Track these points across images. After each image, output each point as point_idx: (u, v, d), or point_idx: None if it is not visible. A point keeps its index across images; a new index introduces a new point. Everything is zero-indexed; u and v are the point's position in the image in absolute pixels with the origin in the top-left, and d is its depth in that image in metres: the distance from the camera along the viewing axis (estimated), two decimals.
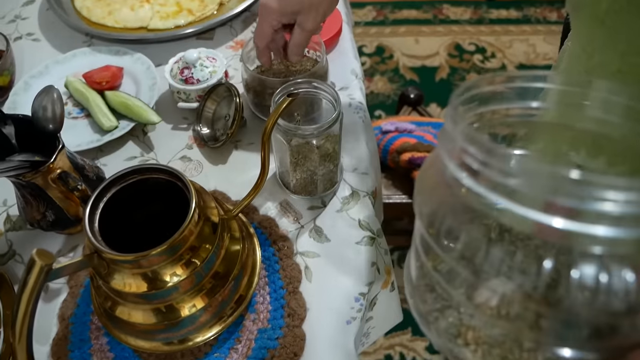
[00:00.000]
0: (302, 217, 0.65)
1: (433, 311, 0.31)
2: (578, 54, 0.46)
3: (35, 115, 0.56)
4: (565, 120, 0.36)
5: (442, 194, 0.29)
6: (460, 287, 0.29)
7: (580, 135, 0.36)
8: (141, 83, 0.81)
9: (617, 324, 0.26)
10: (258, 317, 0.57)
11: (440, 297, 0.31)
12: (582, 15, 0.45)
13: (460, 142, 0.25)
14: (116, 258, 0.45)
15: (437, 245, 0.28)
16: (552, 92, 0.34)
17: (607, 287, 0.24)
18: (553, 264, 0.25)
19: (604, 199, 0.22)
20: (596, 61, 0.43)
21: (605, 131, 0.34)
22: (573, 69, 0.49)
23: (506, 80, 0.33)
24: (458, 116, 0.28)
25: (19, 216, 0.67)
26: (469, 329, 0.29)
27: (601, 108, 0.34)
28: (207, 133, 0.75)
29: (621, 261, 0.24)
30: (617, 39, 0.42)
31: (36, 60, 0.88)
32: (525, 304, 0.26)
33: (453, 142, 0.26)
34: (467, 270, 0.27)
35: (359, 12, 2.39)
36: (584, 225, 0.23)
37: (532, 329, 0.26)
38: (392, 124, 1.19)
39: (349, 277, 0.60)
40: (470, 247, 0.26)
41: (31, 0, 1.03)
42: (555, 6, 2.40)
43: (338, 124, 0.59)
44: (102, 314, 0.53)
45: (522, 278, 0.25)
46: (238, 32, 0.93)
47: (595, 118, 0.34)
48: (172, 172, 0.49)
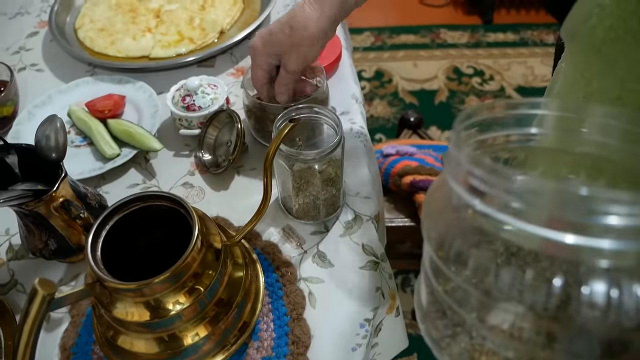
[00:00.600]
0: (305, 242, 0.65)
1: (445, 337, 0.31)
2: (576, 79, 0.46)
3: (38, 144, 0.56)
4: (563, 145, 0.36)
5: (449, 217, 0.29)
6: (472, 311, 0.28)
7: (579, 159, 0.36)
8: (143, 111, 0.82)
9: (629, 340, 0.26)
10: (262, 345, 0.56)
11: (452, 323, 0.30)
12: (578, 44, 0.46)
13: (466, 165, 0.25)
14: (118, 287, 0.45)
15: (446, 268, 0.28)
16: (549, 118, 0.34)
17: (618, 302, 0.24)
18: (563, 282, 0.25)
19: (609, 212, 0.23)
20: (595, 87, 0.43)
21: (604, 154, 0.34)
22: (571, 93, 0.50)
23: (505, 107, 0.33)
24: (461, 141, 0.28)
25: (21, 245, 0.67)
26: (481, 354, 0.29)
27: (599, 132, 0.34)
28: (209, 159, 0.75)
29: (631, 276, 0.24)
30: (616, 66, 0.42)
31: (40, 90, 0.90)
32: (538, 324, 0.26)
33: (458, 166, 0.26)
34: (478, 293, 0.27)
35: (357, 37, 2.43)
36: (591, 239, 0.23)
37: (544, 349, 0.26)
38: (393, 147, 1.19)
39: (354, 302, 0.59)
40: (480, 269, 0.26)
41: (35, 32, 1.05)
42: (552, 29, 2.44)
43: (340, 148, 0.59)
44: (104, 344, 0.53)
45: (533, 298, 0.25)
46: (238, 59, 0.94)
47: (593, 142, 0.34)
48: (175, 199, 0.49)
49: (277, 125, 0.59)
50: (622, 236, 0.23)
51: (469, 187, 0.26)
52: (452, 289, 0.31)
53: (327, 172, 0.60)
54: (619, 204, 0.22)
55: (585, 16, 0.42)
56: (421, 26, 2.49)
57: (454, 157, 0.27)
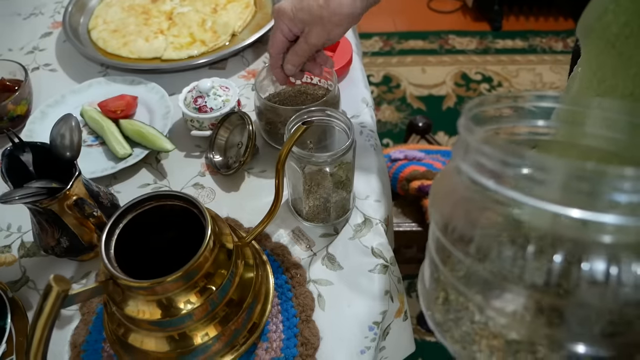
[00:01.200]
0: (314, 245, 0.65)
1: (448, 321, 0.31)
2: (589, 78, 0.47)
3: (53, 142, 0.57)
4: (571, 139, 0.36)
5: (456, 199, 0.29)
6: (477, 292, 0.29)
7: (586, 152, 0.37)
8: (155, 112, 0.83)
9: (630, 319, 0.26)
10: (271, 346, 0.56)
11: (455, 308, 0.31)
12: (593, 40, 0.46)
13: (477, 146, 0.26)
14: (131, 284, 0.45)
15: (452, 248, 0.29)
16: (556, 112, 0.35)
17: (617, 279, 0.25)
18: (563, 258, 0.25)
19: (618, 188, 0.24)
20: (608, 85, 0.44)
21: (611, 148, 0.35)
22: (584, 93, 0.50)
23: (514, 99, 0.34)
24: (472, 124, 0.29)
25: (33, 242, 0.68)
26: (482, 337, 0.30)
27: (606, 126, 0.34)
28: (219, 160, 0.76)
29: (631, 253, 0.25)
30: (629, 63, 0.42)
31: (53, 89, 0.90)
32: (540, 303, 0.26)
33: (469, 148, 0.27)
34: (482, 270, 0.27)
35: (365, 42, 2.43)
36: (597, 214, 0.24)
37: (547, 328, 0.27)
38: (401, 152, 1.20)
39: (363, 305, 0.60)
40: (488, 248, 0.27)
41: (49, 32, 1.06)
42: (561, 36, 2.43)
43: (351, 151, 0.59)
44: (114, 341, 0.53)
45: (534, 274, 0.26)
46: (250, 62, 0.94)
47: (601, 135, 0.35)
48: (188, 198, 0.50)
49: (290, 128, 0.59)
50: (627, 212, 0.24)
51: (479, 166, 0.26)
52: (460, 273, 0.31)
53: (338, 175, 0.61)
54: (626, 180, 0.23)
55: (600, 12, 0.43)
56: (430, 32, 2.50)
57: (464, 140, 0.27)
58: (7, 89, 0.83)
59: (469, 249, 0.28)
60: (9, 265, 0.66)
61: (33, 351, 0.40)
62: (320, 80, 0.78)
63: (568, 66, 2.35)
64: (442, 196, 0.32)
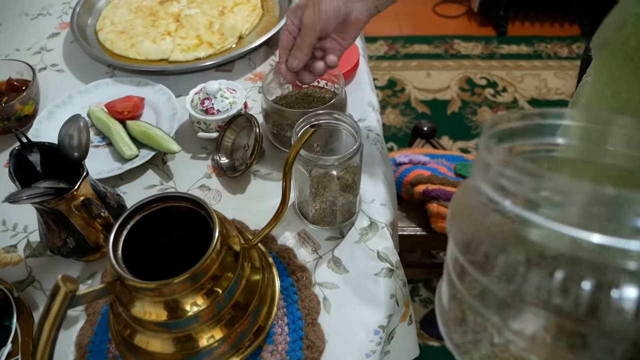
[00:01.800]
0: (320, 248, 0.65)
1: (466, 342, 0.31)
2: (601, 90, 0.46)
3: (61, 142, 0.57)
4: (588, 156, 0.36)
5: (476, 219, 0.29)
6: (497, 314, 0.28)
7: (603, 170, 0.36)
8: (162, 113, 0.83)
9: None
10: (276, 349, 0.56)
11: (472, 330, 0.30)
12: (610, 52, 0.46)
13: (496, 166, 0.25)
14: (138, 285, 0.45)
15: (473, 270, 0.28)
16: (574, 129, 0.34)
17: None
18: (592, 285, 0.25)
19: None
20: (622, 98, 0.43)
21: (629, 166, 0.34)
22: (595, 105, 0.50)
23: (530, 116, 0.33)
24: (492, 144, 0.28)
25: (39, 242, 0.68)
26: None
27: (626, 144, 0.34)
28: (225, 162, 0.76)
29: None
30: None
31: (60, 90, 0.91)
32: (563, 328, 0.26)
33: (488, 168, 0.27)
34: (504, 295, 0.27)
35: (370, 46, 2.44)
36: (620, 240, 0.23)
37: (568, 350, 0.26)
38: (405, 156, 1.20)
39: (368, 309, 0.59)
40: (507, 271, 0.26)
41: (56, 32, 1.06)
42: (566, 42, 2.43)
43: (359, 155, 0.59)
44: (120, 342, 0.53)
45: (560, 302, 0.25)
46: (257, 64, 0.95)
47: (619, 153, 0.34)
48: (196, 200, 0.50)
49: (297, 131, 0.59)
50: None
51: (499, 187, 0.26)
52: (477, 292, 0.31)
53: (345, 179, 0.61)
54: None
55: (620, 25, 0.42)
56: (435, 36, 2.50)
57: (484, 160, 0.27)
58: (14, 88, 0.83)
59: (486, 268, 0.28)
60: (14, 265, 0.66)
61: (40, 351, 0.40)
62: (327, 84, 0.78)
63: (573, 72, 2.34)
64: (461, 214, 0.31)
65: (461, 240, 0.30)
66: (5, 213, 0.72)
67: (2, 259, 0.67)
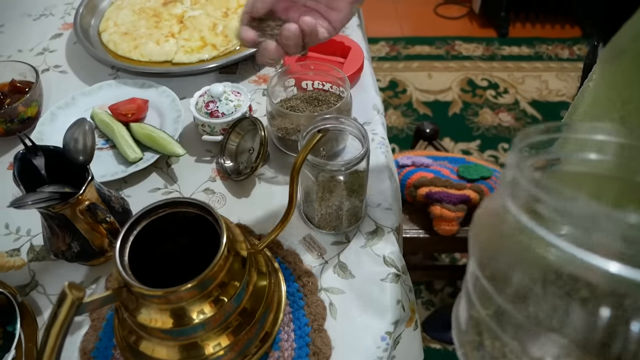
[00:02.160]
0: (326, 252, 0.65)
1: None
2: (610, 98, 0.46)
3: (66, 146, 0.56)
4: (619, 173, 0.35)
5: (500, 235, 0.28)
6: (515, 338, 0.28)
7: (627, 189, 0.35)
8: (166, 115, 0.82)
9: None
10: (282, 356, 0.56)
11: (490, 355, 0.30)
12: (624, 61, 0.45)
13: (526, 187, 0.25)
14: (145, 292, 0.44)
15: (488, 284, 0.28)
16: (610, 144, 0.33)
17: None
18: (610, 315, 0.24)
19: None
20: (634, 107, 0.43)
21: None
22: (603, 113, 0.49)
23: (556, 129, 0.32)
24: (522, 162, 0.28)
25: (42, 246, 0.67)
26: None
27: None
28: (230, 166, 0.75)
29: None
30: None
31: (63, 91, 0.90)
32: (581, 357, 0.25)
33: (517, 187, 0.26)
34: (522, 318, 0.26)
35: (372, 47, 2.43)
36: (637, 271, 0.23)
37: None
38: (408, 158, 1.19)
39: (375, 315, 0.59)
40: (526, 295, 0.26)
41: (59, 33, 1.06)
42: (567, 44, 2.43)
43: (365, 160, 0.59)
44: (125, 348, 0.52)
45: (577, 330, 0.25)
46: (260, 67, 0.94)
47: None
48: (203, 206, 0.49)
49: (304, 135, 0.59)
50: None
51: (528, 208, 0.25)
52: (488, 308, 0.30)
53: (351, 183, 0.60)
54: None
55: (636, 34, 0.42)
56: (436, 37, 2.49)
57: (512, 176, 0.27)
58: (17, 90, 0.83)
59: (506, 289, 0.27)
60: (17, 269, 0.66)
61: (46, 358, 0.40)
62: (332, 87, 0.78)
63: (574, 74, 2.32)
64: (484, 230, 0.31)
65: (480, 254, 0.29)
66: (8, 216, 0.71)
67: (5, 263, 0.66)
